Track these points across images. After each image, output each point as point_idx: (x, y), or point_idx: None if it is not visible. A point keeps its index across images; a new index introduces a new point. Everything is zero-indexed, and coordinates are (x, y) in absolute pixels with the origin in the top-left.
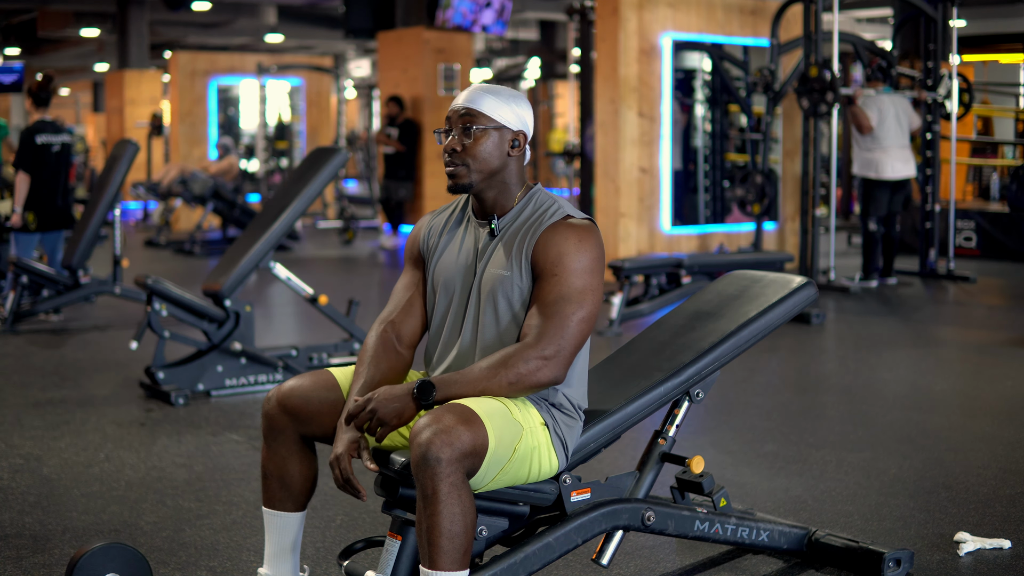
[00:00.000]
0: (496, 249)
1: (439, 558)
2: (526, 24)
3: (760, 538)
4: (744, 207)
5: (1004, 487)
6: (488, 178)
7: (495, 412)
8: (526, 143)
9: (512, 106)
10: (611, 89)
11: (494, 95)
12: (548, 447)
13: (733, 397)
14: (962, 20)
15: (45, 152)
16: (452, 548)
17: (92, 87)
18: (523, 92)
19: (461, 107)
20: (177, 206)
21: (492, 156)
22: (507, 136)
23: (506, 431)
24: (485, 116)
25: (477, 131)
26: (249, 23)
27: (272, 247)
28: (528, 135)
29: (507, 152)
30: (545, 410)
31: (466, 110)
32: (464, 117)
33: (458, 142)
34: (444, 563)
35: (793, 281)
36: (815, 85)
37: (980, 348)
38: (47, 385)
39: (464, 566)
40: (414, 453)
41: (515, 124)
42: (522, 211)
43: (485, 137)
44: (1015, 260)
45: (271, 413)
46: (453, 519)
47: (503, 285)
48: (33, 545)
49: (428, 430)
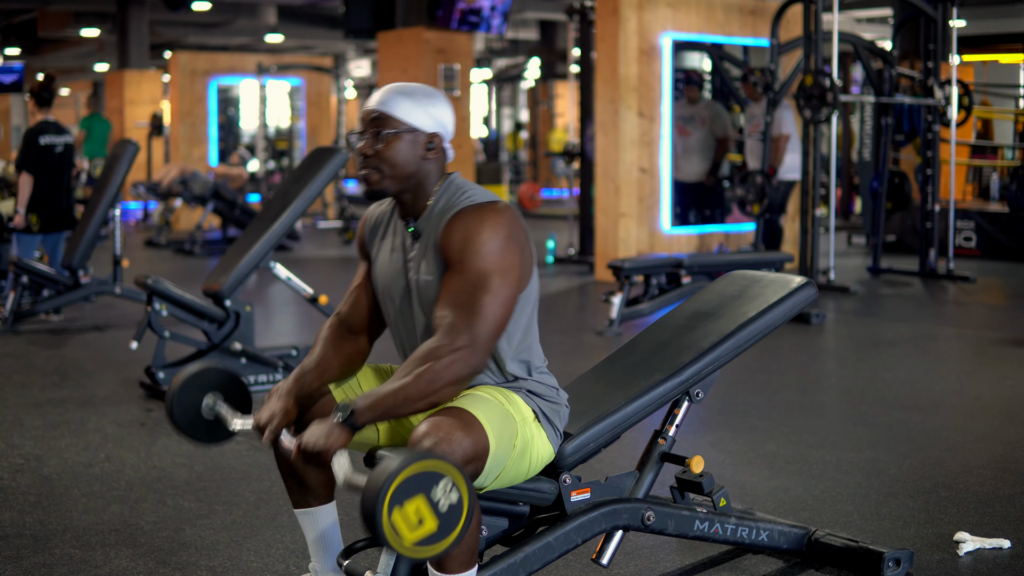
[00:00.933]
0: (419, 253)
1: (448, 563)
2: (526, 24)
3: (760, 538)
4: (744, 207)
5: (1004, 487)
6: (402, 182)
7: (491, 410)
8: (443, 144)
9: (426, 107)
10: (611, 89)
11: (406, 96)
12: (541, 434)
13: (733, 397)
14: (962, 20)
15: (48, 153)
16: (460, 552)
17: (92, 87)
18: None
19: (371, 110)
20: (177, 206)
21: (406, 161)
22: (421, 139)
23: (504, 429)
24: (395, 119)
25: (388, 135)
26: (249, 23)
27: (272, 247)
28: (445, 135)
29: (421, 156)
30: (527, 398)
31: (377, 113)
32: (375, 121)
33: (369, 146)
34: (454, 567)
35: (793, 281)
36: (813, 92)
37: (980, 348)
38: (47, 385)
39: (472, 564)
40: None
41: (429, 126)
42: (435, 207)
43: (397, 141)
44: (1015, 260)
45: None
46: None
47: (428, 289)
48: (33, 545)
49: (428, 439)
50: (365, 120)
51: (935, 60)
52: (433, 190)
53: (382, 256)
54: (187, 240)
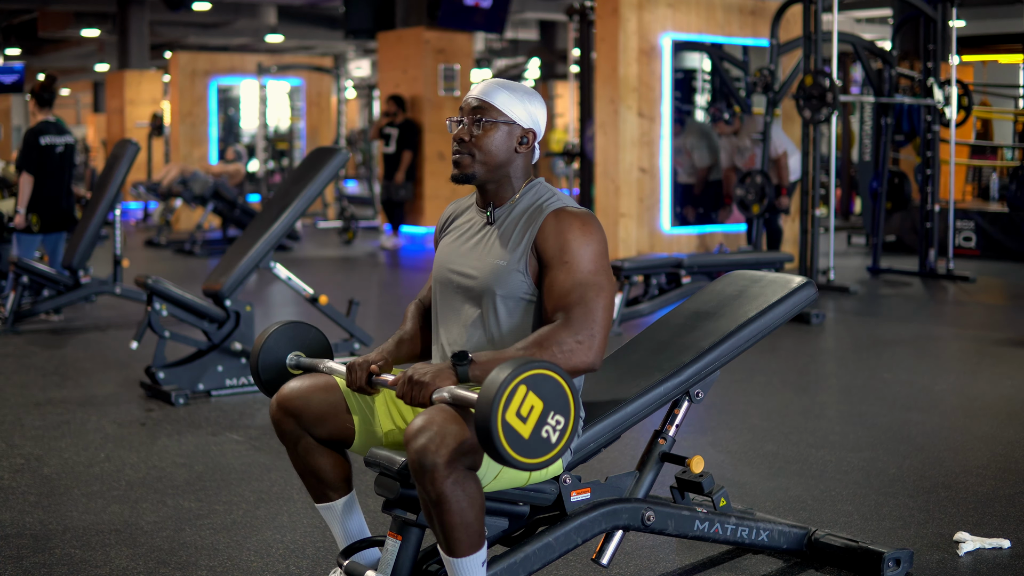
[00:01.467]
0: (492, 239)
1: (456, 547)
2: (526, 24)
3: (760, 538)
4: (744, 207)
5: (1004, 487)
6: (492, 171)
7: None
8: (535, 141)
9: (525, 104)
10: (611, 89)
11: (509, 91)
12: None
13: (733, 397)
14: (962, 20)
15: (49, 153)
16: (467, 535)
17: (92, 87)
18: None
19: (474, 99)
20: (177, 206)
21: (499, 150)
22: (516, 132)
23: None
24: (496, 110)
25: (487, 123)
26: (249, 23)
27: (272, 247)
28: (538, 134)
29: (514, 148)
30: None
31: (479, 102)
32: (476, 109)
33: (467, 132)
34: (462, 550)
35: (793, 281)
36: (813, 92)
37: (980, 348)
38: (47, 385)
39: (480, 545)
40: (411, 461)
41: (526, 122)
42: (520, 202)
43: (494, 130)
44: (1015, 260)
45: (276, 418)
46: (463, 512)
47: (498, 275)
48: (33, 545)
49: (422, 436)
50: (466, 108)
51: (935, 60)
52: (519, 185)
53: (451, 238)
54: (187, 240)
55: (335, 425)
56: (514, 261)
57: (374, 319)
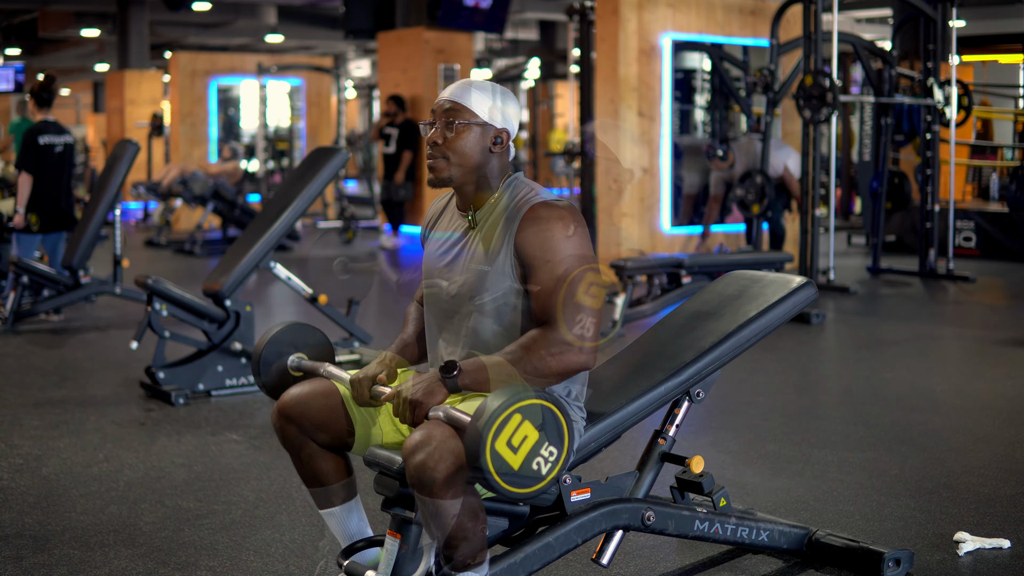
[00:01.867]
0: (475, 243)
1: (458, 560)
2: (526, 24)
3: (760, 538)
4: (744, 207)
5: (1004, 487)
6: (468, 173)
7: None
8: (509, 140)
9: (498, 103)
10: (611, 89)
11: (480, 91)
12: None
13: (733, 397)
14: (962, 20)
15: (48, 153)
16: (468, 547)
17: (92, 87)
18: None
19: (445, 100)
20: (177, 206)
21: (473, 151)
22: (490, 133)
23: None
24: (469, 111)
25: (459, 126)
26: (249, 23)
27: (272, 247)
28: (512, 133)
29: (488, 148)
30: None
31: (451, 104)
32: (448, 111)
33: (440, 135)
34: (463, 564)
35: (793, 281)
36: (813, 92)
37: (980, 348)
38: (47, 385)
39: (482, 558)
40: (409, 476)
41: (499, 121)
42: (499, 202)
43: (467, 132)
44: (1014, 260)
45: (278, 426)
46: (463, 526)
47: (480, 279)
48: (33, 545)
49: (421, 451)
50: (438, 111)
51: (935, 60)
52: (496, 184)
53: (434, 242)
54: (187, 240)
55: (336, 430)
56: (499, 265)
57: (374, 318)
